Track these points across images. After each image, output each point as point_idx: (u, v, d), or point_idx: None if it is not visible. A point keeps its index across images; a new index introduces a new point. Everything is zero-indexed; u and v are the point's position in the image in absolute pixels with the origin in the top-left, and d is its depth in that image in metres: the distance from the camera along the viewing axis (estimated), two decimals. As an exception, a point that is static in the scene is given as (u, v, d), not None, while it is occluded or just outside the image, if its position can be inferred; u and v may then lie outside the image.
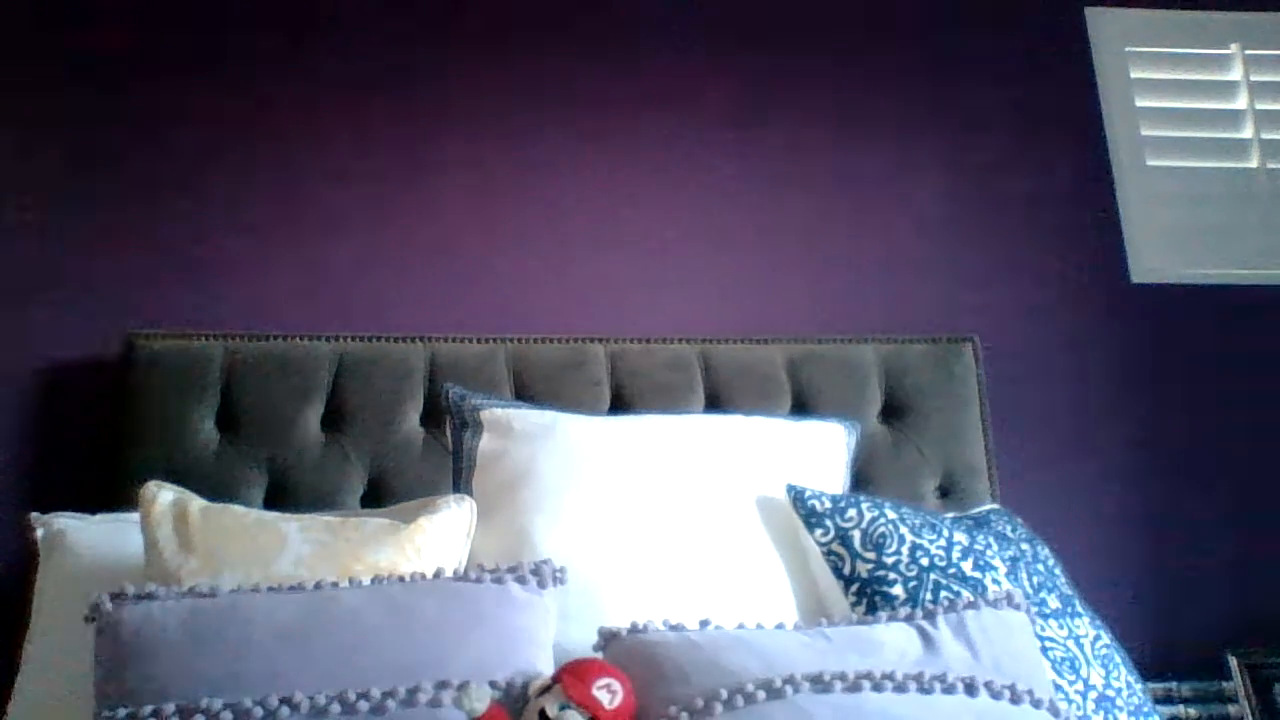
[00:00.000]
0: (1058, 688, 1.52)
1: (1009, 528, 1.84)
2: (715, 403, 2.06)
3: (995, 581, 1.61)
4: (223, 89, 2.24)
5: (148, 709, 1.18)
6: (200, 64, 2.24)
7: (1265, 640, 2.19)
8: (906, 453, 2.10)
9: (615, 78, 2.38)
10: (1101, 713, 1.54)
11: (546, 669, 1.33)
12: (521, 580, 1.40)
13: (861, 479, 2.05)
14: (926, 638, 1.39)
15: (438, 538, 1.56)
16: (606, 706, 1.23)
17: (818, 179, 2.38)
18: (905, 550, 1.63)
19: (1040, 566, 1.74)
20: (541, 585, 1.41)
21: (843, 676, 1.26)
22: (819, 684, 1.24)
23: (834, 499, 1.71)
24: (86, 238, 2.11)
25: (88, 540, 1.66)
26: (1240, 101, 2.58)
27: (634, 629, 1.40)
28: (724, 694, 1.23)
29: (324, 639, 1.27)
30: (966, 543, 1.67)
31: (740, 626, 1.42)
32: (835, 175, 2.39)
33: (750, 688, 1.24)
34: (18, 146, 2.14)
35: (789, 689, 1.23)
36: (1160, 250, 2.45)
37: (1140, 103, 2.54)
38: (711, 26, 2.45)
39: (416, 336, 2.04)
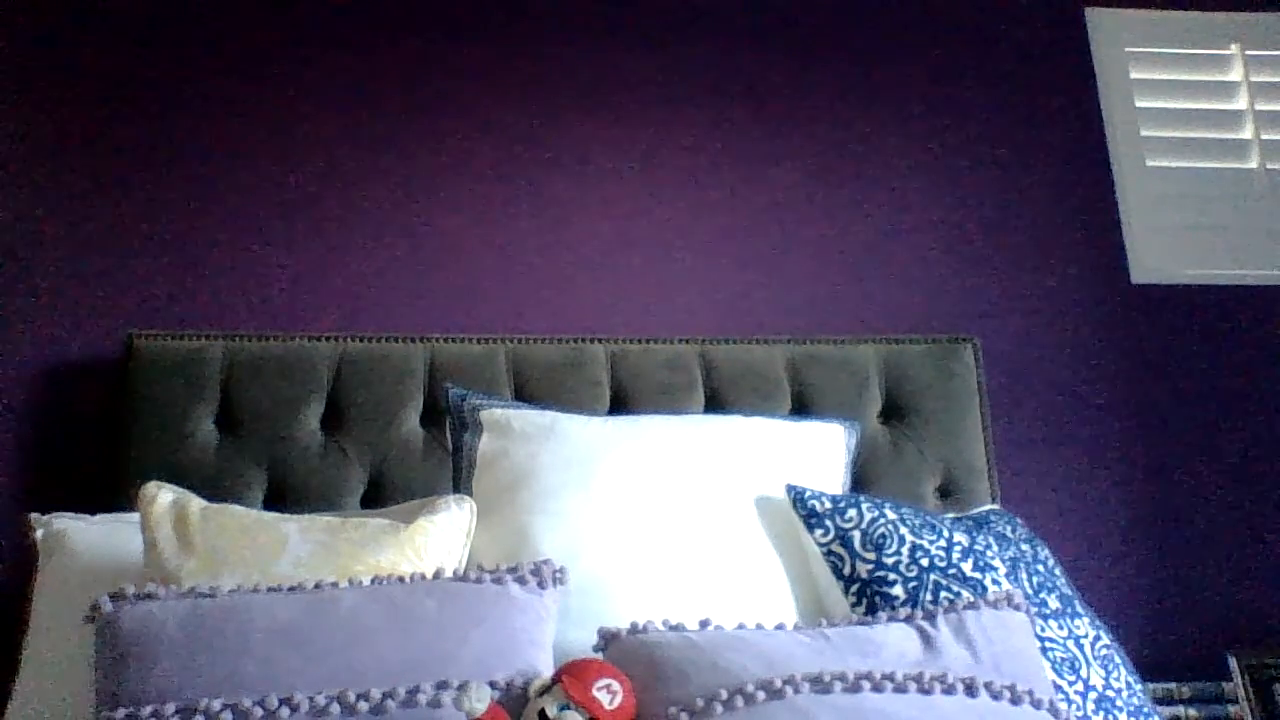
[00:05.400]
0: (1058, 688, 1.52)
1: (1009, 528, 1.84)
2: (715, 403, 2.06)
3: (995, 582, 1.61)
4: (222, 90, 2.24)
5: (148, 709, 1.18)
6: (200, 66, 2.24)
7: (1265, 640, 2.19)
8: (906, 453, 2.10)
9: (616, 79, 2.38)
10: (1101, 713, 1.54)
11: (546, 669, 1.33)
12: (521, 581, 1.40)
13: (861, 479, 2.05)
14: (926, 638, 1.39)
15: (438, 538, 1.56)
16: (606, 707, 1.23)
17: (818, 179, 2.38)
18: (905, 551, 1.63)
19: (1040, 567, 1.74)
20: (541, 585, 1.41)
21: (843, 677, 1.26)
22: (819, 684, 1.24)
23: (834, 499, 1.71)
24: (86, 238, 2.11)
25: (88, 540, 1.66)
26: (1240, 102, 2.58)
27: (634, 629, 1.41)
28: (724, 694, 1.24)
29: (324, 639, 1.27)
30: (966, 543, 1.67)
31: (740, 627, 1.43)
32: (835, 176, 2.39)
33: (750, 688, 1.24)
34: (18, 148, 2.14)
35: (789, 689, 1.23)
36: (1160, 250, 2.46)
37: (1140, 103, 2.54)
38: (712, 27, 2.45)
39: (416, 336, 2.04)
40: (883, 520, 1.67)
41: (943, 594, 1.57)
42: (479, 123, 2.31)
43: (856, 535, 1.65)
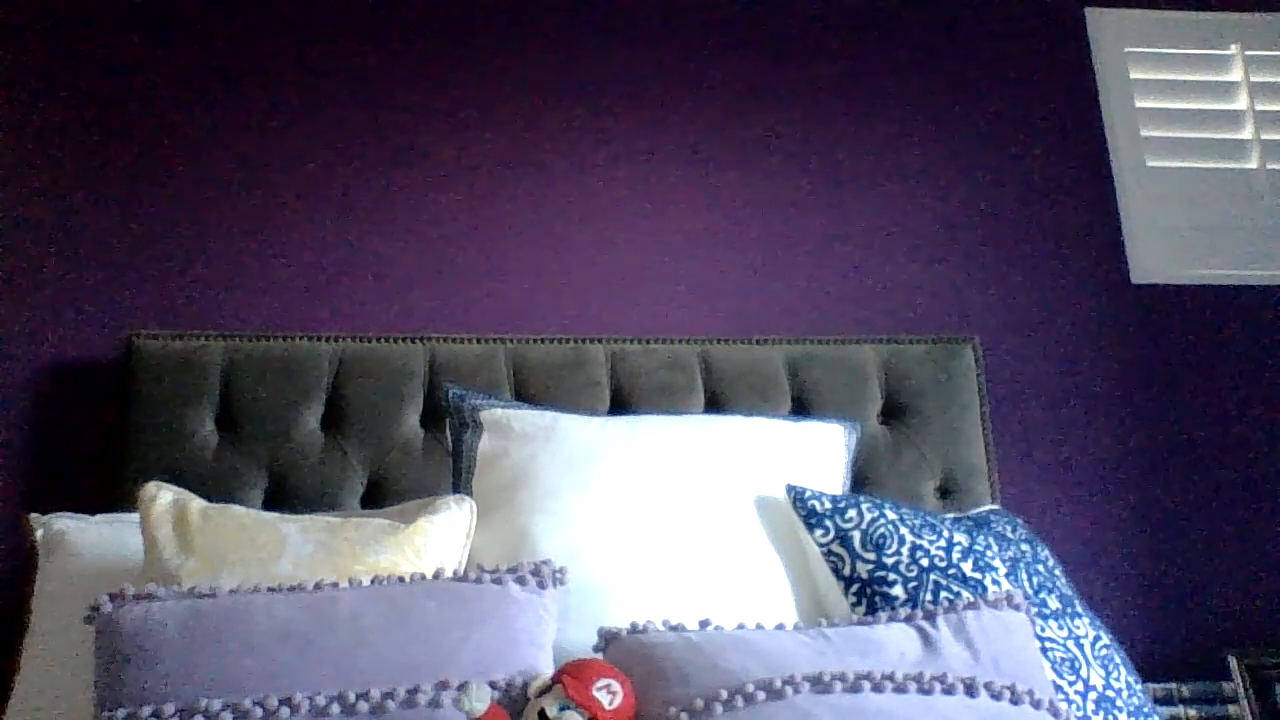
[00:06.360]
0: (1058, 688, 1.52)
1: (1009, 528, 1.84)
2: (715, 403, 2.06)
3: (995, 582, 1.61)
4: (223, 91, 2.24)
5: (148, 709, 1.18)
6: (200, 66, 2.24)
7: (1265, 640, 2.19)
8: (906, 453, 2.10)
9: (615, 78, 2.38)
10: (1101, 713, 1.54)
11: (546, 669, 1.33)
12: (521, 581, 1.40)
13: (861, 479, 2.05)
14: (926, 638, 1.39)
15: (438, 538, 1.56)
16: (606, 707, 1.23)
17: (818, 179, 2.39)
18: (905, 551, 1.63)
19: (1040, 567, 1.74)
20: (541, 586, 1.41)
21: (843, 677, 1.26)
22: (819, 685, 1.24)
23: (834, 499, 1.71)
24: (86, 238, 2.11)
25: (88, 541, 1.66)
26: (1240, 102, 2.58)
27: (634, 629, 1.40)
28: (724, 695, 1.23)
29: (324, 639, 1.27)
30: (967, 543, 1.67)
31: (740, 627, 1.43)
32: (836, 175, 2.39)
33: (750, 688, 1.24)
34: (19, 147, 2.14)
35: (789, 690, 1.23)
36: (1160, 250, 2.46)
37: (1140, 103, 2.54)
38: (712, 27, 2.45)
39: (416, 336, 2.04)
40: (883, 520, 1.67)
41: (943, 594, 1.57)
42: (479, 122, 2.31)
43: (856, 535, 1.65)
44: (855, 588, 1.61)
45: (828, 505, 1.69)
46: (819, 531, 1.67)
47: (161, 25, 2.26)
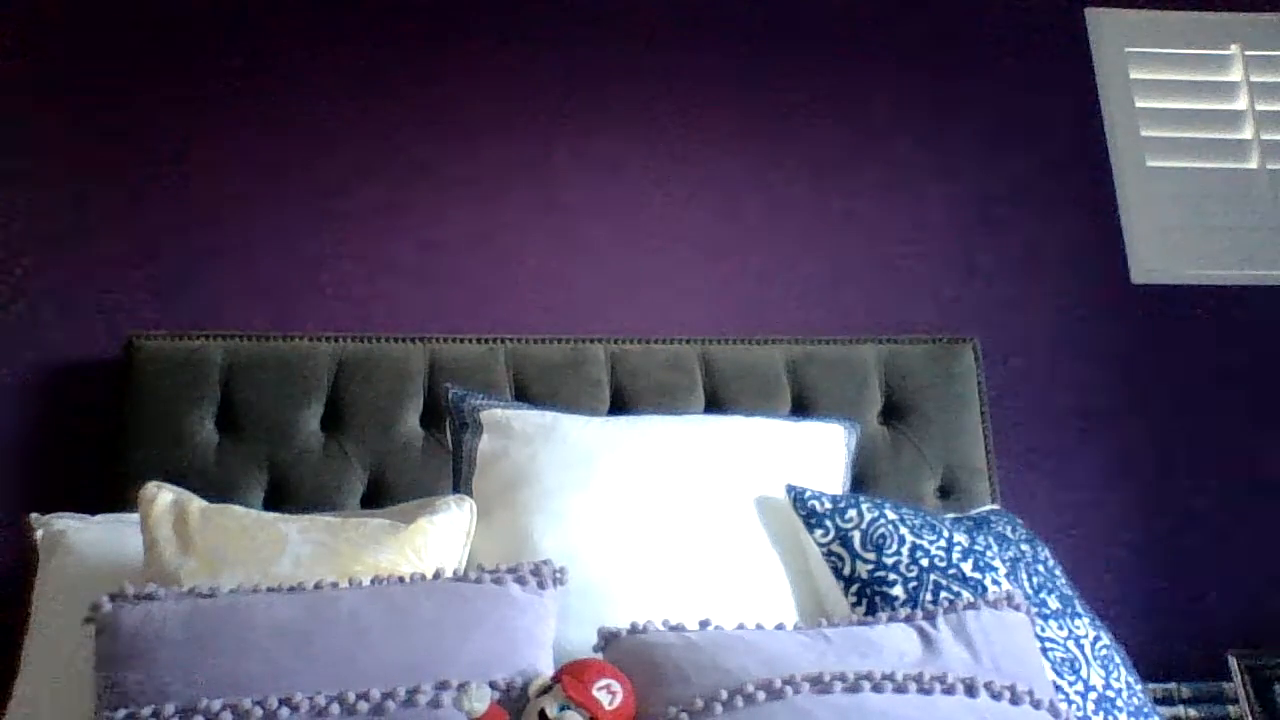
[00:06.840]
0: (1058, 688, 1.52)
1: (1009, 528, 1.84)
2: (715, 403, 2.06)
3: (995, 582, 1.61)
4: (223, 92, 2.24)
5: (148, 709, 1.18)
6: (201, 67, 2.24)
7: (1265, 640, 2.19)
8: (906, 453, 2.10)
9: (616, 78, 2.38)
10: (1101, 713, 1.54)
11: (546, 669, 1.33)
12: (521, 581, 1.40)
13: (861, 479, 2.05)
14: (926, 638, 1.39)
15: (438, 538, 1.56)
16: (606, 707, 1.23)
17: (818, 179, 2.39)
18: (905, 551, 1.63)
19: (1040, 567, 1.74)
20: (541, 586, 1.41)
21: (843, 677, 1.26)
22: (819, 685, 1.24)
23: (834, 499, 1.71)
24: (86, 238, 2.11)
25: (88, 541, 1.65)
26: (1240, 102, 2.58)
27: (634, 629, 1.41)
28: (724, 695, 1.24)
29: (324, 639, 1.27)
30: (967, 543, 1.67)
31: (740, 627, 1.43)
32: (835, 175, 2.39)
33: (750, 688, 1.24)
34: (19, 147, 2.14)
35: (789, 690, 1.23)
36: (1160, 250, 2.46)
37: (1140, 103, 2.54)
38: (711, 26, 2.45)
39: (416, 337, 2.04)
40: (883, 520, 1.67)
41: (943, 594, 1.57)
42: (479, 122, 2.31)
43: (856, 535, 1.65)
44: (855, 588, 1.61)
45: (828, 505, 1.69)
46: (819, 531, 1.67)
47: (162, 26, 2.26)
